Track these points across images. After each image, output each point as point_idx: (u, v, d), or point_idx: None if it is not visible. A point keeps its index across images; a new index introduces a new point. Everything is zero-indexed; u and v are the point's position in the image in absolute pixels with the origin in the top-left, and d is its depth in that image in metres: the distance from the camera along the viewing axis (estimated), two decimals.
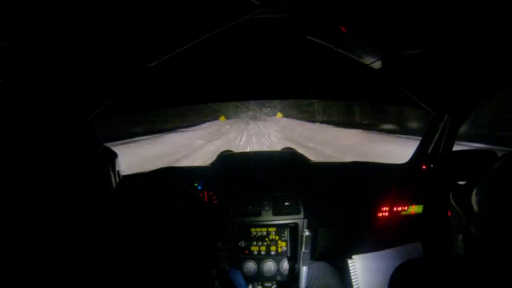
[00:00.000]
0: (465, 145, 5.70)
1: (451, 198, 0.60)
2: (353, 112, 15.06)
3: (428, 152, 1.48)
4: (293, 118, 25.18)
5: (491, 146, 5.56)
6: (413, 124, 9.99)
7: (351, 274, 1.12)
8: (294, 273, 1.46)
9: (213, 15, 0.80)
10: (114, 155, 0.78)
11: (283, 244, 1.51)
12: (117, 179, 0.69)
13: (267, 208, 1.49)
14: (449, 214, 0.61)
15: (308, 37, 0.96)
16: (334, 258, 1.32)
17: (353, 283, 1.11)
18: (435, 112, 1.42)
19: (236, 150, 2.41)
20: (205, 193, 1.53)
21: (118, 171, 0.75)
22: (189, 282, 0.90)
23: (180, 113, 18.43)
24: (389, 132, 10.81)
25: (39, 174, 0.36)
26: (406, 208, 1.50)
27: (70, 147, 0.40)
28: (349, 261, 1.13)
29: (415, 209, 1.51)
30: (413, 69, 1.16)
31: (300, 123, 20.47)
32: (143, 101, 1.51)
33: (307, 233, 1.20)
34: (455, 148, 1.40)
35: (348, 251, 1.17)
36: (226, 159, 1.74)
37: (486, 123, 6.79)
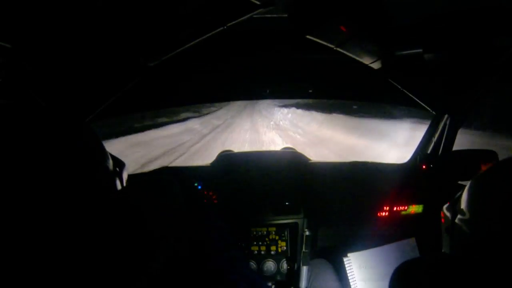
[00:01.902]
0: None
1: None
2: None
3: (428, 152, 1.48)
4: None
5: None
6: None
7: (348, 272, 1.15)
8: (294, 273, 1.46)
9: (213, 15, 0.80)
10: (122, 165, 0.76)
11: (283, 243, 1.51)
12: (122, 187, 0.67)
13: (267, 208, 1.49)
14: (442, 214, 0.61)
15: (308, 37, 0.96)
16: (332, 256, 1.33)
17: (350, 280, 1.13)
18: (435, 112, 1.42)
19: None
20: (205, 193, 1.53)
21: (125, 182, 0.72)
22: (189, 283, 0.90)
23: None
24: None
25: (40, 176, 0.36)
26: (406, 208, 1.50)
27: (72, 150, 0.40)
28: (345, 259, 1.15)
29: (415, 209, 1.51)
30: (413, 69, 1.16)
31: None
32: (143, 101, 1.51)
33: (307, 233, 1.20)
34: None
35: (346, 250, 1.18)
36: (226, 158, 1.74)
37: None
